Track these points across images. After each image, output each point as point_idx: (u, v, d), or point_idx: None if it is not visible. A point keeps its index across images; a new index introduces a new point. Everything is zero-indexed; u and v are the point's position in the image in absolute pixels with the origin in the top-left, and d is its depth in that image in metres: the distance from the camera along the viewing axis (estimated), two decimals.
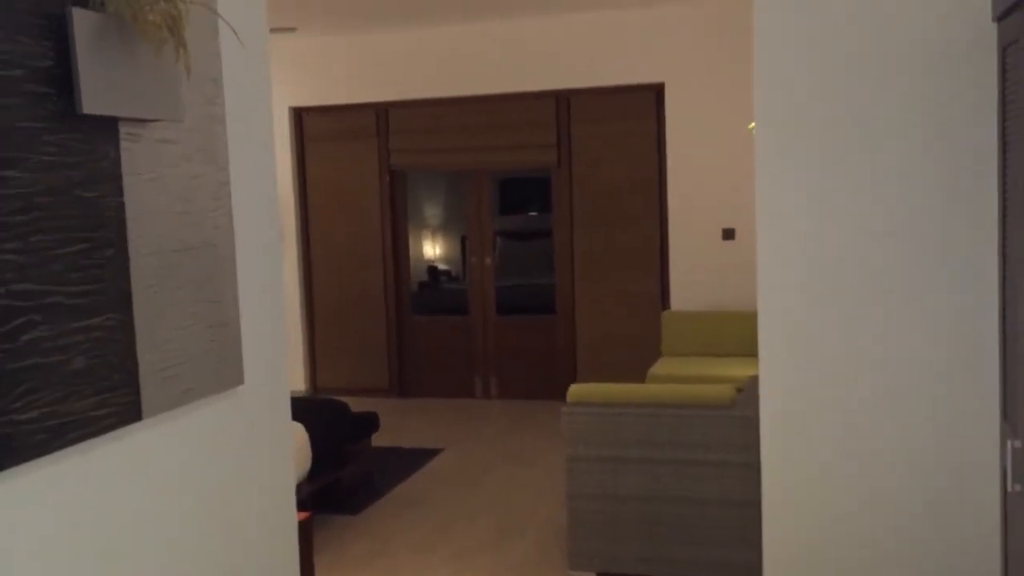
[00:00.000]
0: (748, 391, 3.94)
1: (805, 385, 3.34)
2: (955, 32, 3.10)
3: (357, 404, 6.84)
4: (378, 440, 5.98)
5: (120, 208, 1.98)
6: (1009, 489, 2.86)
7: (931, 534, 3.27)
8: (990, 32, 3.03)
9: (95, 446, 1.91)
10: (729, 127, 6.91)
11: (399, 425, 6.90)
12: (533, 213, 8.64)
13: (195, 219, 2.26)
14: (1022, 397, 2.73)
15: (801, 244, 3.32)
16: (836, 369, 3.31)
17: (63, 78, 1.79)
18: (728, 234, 7.05)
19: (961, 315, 3.19)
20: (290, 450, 2.78)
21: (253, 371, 2.51)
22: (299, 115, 7.96)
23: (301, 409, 4.90)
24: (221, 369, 2.34)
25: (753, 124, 3.49)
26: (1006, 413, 3.05)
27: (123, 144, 1.99)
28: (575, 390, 4.03)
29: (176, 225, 2.18)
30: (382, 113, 7.82)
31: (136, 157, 2.03)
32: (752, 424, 3.79)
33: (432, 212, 9.40)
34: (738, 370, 5.90)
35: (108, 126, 1.94)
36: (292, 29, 6.43)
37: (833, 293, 3.30)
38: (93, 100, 1.84)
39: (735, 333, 6.51)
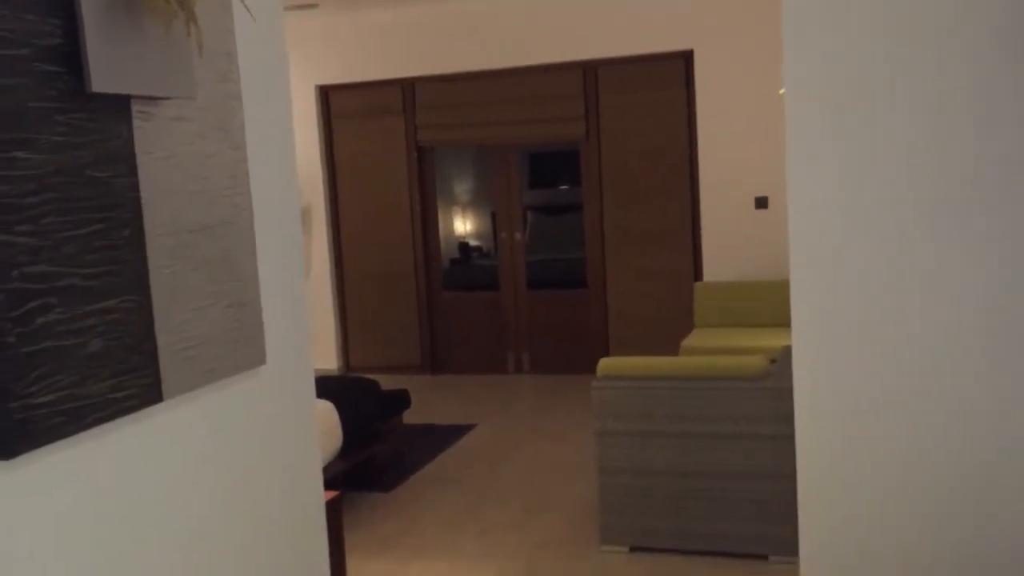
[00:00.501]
0: (782, 362, 3.87)
1: (839, 356, 3.27)
2: None
3: (389, 381, 6.85)
4: (410, 417, 5.98)
5: (134, 188, 1.95)
6: None
7: (970, 508, 3.19)
8: None
9: (114, 428, 1.90)
10: (760, 93, 6.78)
11: (431, 402, 6.90)
12: (563, 187, 8.56)
13: (211, 198, 2.23)
14: None
15: (834, 213, 3.24)
16: (871, 340, 3.23)
17: (72, 56, 1.76)
18: (761, 203, 6.94)
19: (1003, 288, 3.09)
20: (315, 430, 2.76)
21: (275, 350, 2.49)
22: (325, 93, 7.93)
23: (331, 387, 4.90)
24: (242, 349, 2.32)
25: (783, 90, 3.40)
26: None
27: (135, 123, 1.96)
28: (605, 364, 3.98)
29: (192, 204, 2.15)
30: (408, 89, 7.77)
31: (149, 136, 2.00)
32: (786, 396, 3.72)
33: (461, 188, 9.35)
34: (771, 340, 5.82)
35: (119, 104, 1.91)
36: (314, 5, 6.39)
37: (867, 263, 3.22)
38: (103, 78, 1.81)
39: (768, 303, 6.41)
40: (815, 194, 3.26)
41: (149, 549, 1.99)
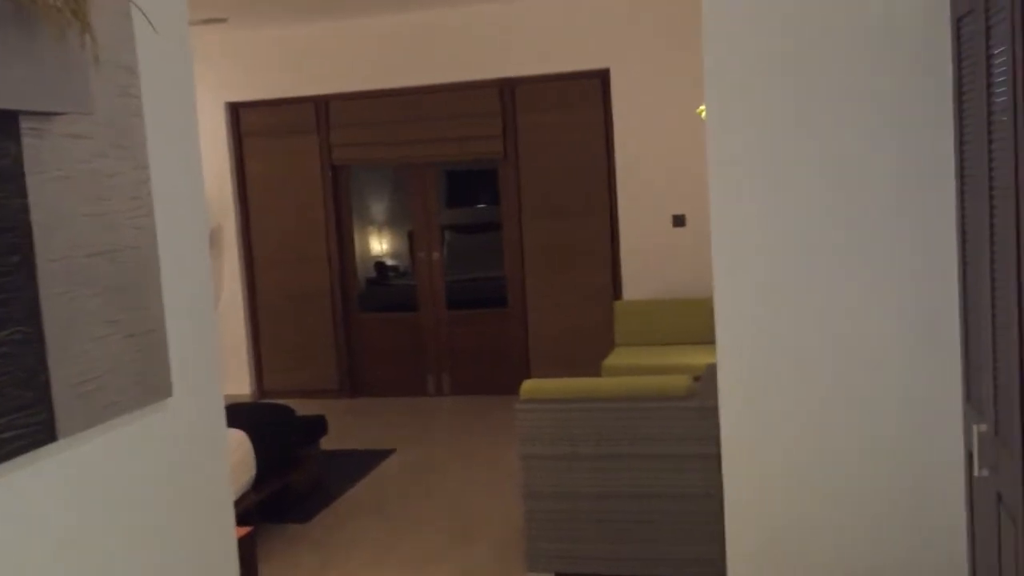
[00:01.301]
0: (706, 380, 3.85)
1: (764, 373, 3.26)
2: (907, 5, 3.02)
3: (306, 406, 6.66)
4: (328, 443, 5.81)
5: (24, 210, 1.80)
6: (976, 473, 2.80)
7: (896, 522, 3.20)
8: (943, 4, 2.96)
9: (3, 472, 1.74)
10: (676, 111, 6.83)
11: (349, 426, 6.72)
12: (481, 205, 8.49)
13: (112, 220, 2.08)
14: (987, 381, 2.66)
15: (755, 228, 3.23)
16: (795, 356, 3.23)
17: None
18: (679, 220, 6.98)
19: (921, 298, 3.12)
20: (226, 464, 2.61)
21: (183, 381, 2.34)
22: (235, 110, 7.72)
23: (243, 416, 4.72)
24: (146, 381, 2.18)
25: (703, 107, 3.39)
26: (969, 397, 2.99)
27: (25, 140, 1.81)
28: (528, 386, 3.91)
29: (90, 227, 2.00)
30: (322, 107, 7.62)
31: (41, 154, 1.86)
32: (711, 414, 3.70)
33: (378, 207, 9.21)
34: (693, 358, 5.83)
35: (7, 120, 1.77)
36: (223, 20, 6.21)
37: (790, 278, 3.21)
38: None
39: (689, 320, 6.44)
40: (736, 211, 3.25)
41: None
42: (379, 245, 9.16)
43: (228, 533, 2.58)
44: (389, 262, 9.16)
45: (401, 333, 7.81)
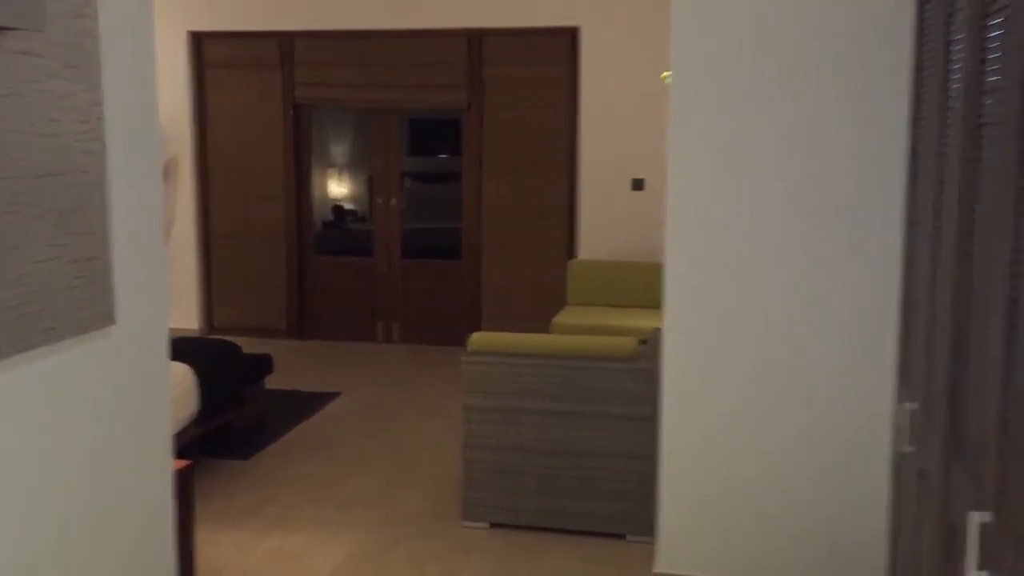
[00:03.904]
0: (651, 344, 3.90)
1: (707, 339, 3.31)
2: None
3: (254, 345, 6.63)
4: (273, 383, 5.80)
5: None
6: (901, 449, 2.88)
7: (824, 492, 3.30)
8: None
9: None
10: (643, 75, 6.82)
11: (296, 367, 6.71)
12: (443, 156, 8.44)
13: (62, 142, 2.05)
14: (919, 361, 2.73)
15: (710, 197, 3.27)
16: (739, 325, 3.28)
17: None
18: (638, 184, 7.01)
19: (863, 277, 3.19)
20: (167, 395, 2.61)
21: (127, 310, 2.32)
22: (198, 40, 7.56)
23: (189, 350, 4.69)
24: (89, 307, 2.16)
25: (668, 73, 3.40)
26: (902, 376, 3.07)
27: None
28: (476, 338, 3.93)
29: (39, 148, 1.97)
30: (287, 43, 7.48)
31: None
32: (653, 378, 3.76)
33: (338, 150, 9.11)
34: (642, 321, 5.89)
35: None
36: None
37: (738, 249, 3.26)
38: None
39: (641, 284, 6.49)
40: (693, 177, 3.28)
41: None
42: (338, 188, 9.07)
43: (165, 464, 2.58)
44: (347, 206, 9.09)
45: (354, 278, 7.79)
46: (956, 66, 2.35)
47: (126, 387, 2.35)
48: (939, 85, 2.51)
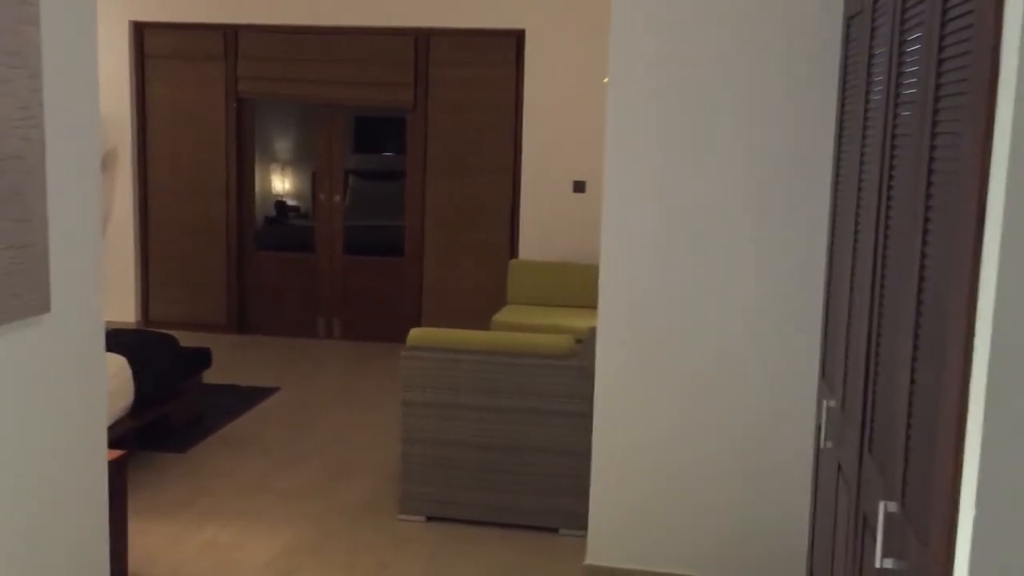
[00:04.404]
0: (587, 342, 3.98)
1: (640, 339, 3.40)
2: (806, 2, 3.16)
3: (192, 339, 6.58)
4: (211, 377, 5.77)
5: None
6: (822, 446, 3.00)
7: (751, 487, 3.40)
8: (838, 3, 3.11)
9: None
10: (586, 79, 6.92)
11: (235, 362, 6.68)
12: (388, 153, 8.45)
13: (1, 128, 2.05)
14: (839, 360, 2.85)
15: (645, 198, 3.35)
16: (671, 325, 3.38)
17: None
18: (579, 187, 7.10)
19: (792, 280, 3.30)
20: (103, 385, 2.61)
21: (62, 298, 2.33)
22: (140, 30, 7.47)
23: (125, 341, 4.66)
24: (23, 294, 2.16)
25: (608, 78, 3.48)
26: (824, 374, 3.19)
27: None
28: (415, 334, 3.98)
29: None
30: (231, 35, 7.44)
31: None
32: (588, 375, 3.84)
33: (282, 145, 9.06)
34: (580, 321, 5.98)
35: None
36: None
37: (673, 250, 3.35)
38: None
39: (580, 284, 6.59)
40: (629, 178, 3.36)
41: None
42: (281, 184, 9.03)
43: (99, 454, 2.58)
44: (290, 202, 9.05)
45: (295, 274, 7.76)
46: (877, 78, 2.46)
47: (61, 375, 2.36)
48: (860, 96, 2.63)
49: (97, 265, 2.51)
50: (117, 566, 2.80)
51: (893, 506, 1.98)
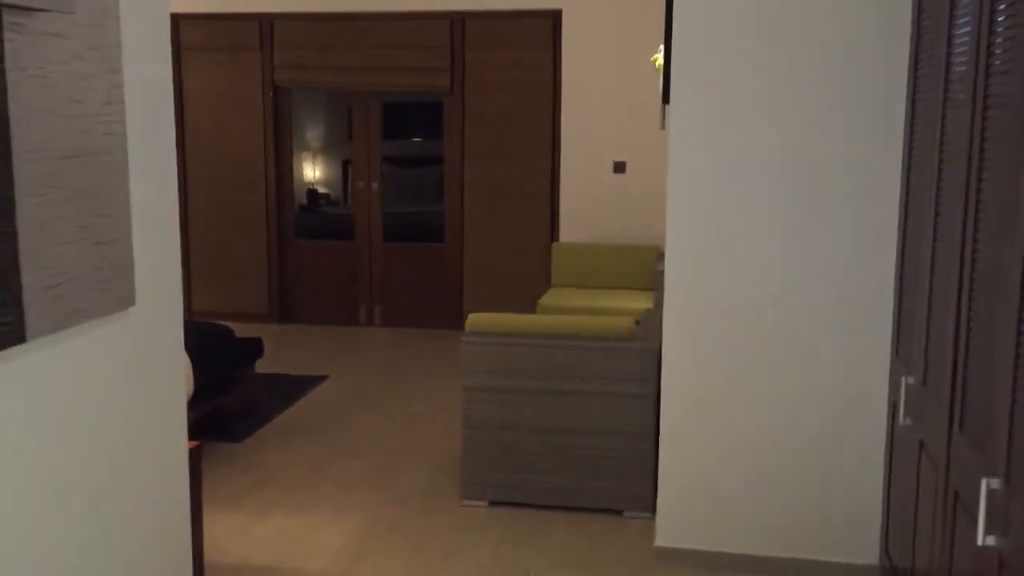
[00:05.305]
0: (646, 323, 3.96)
1: (707, 319, 3.37)
2: None
3: (236, 329, 6.60)
4: (260, 367, 5.80)
5: (2, 106, 1.77)
6: (900, 423, 2.96)
7: (819, 464, 3.38)
8: None
9: None
10: (624, 58, 6.86)
11: (281, 351, 6.71)
12: (418, 139, 8.42)
13: (86, 123, 2.05)
14: (918, 336, 2.81)
15: (709, 178, 3.32)
16: (738, 305, 3.35)
17: None
18: (619, 167, 7.06)
19: (860, 256, 3.26)
20: (182, 376, 2.62)
21: (146, 292, 2.34)
22: (176, 22, 7.48)
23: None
24: (112, 289, 2.17)
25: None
26: (898, 351, 3.15)
27: (7, 35, 1.77)
28: (474, 319, 3.97)
29: (66, 129, 1.98)
30: (267, 25, 7.43)
31: (22, 50, 1.82)
32: (650, 356, 3.82)
33: (313, 133, 9.07)
34: (629, 303, 5.96)
35: None
36: None
37: (737, 228, 3.32)
38: None
39: (624, 266, 6.56)
40: (693, 164, 3.33)
41: (7, 495, 1.84)
42: (312, 172, 9.04)
43: (181, 443, 2.60)
44: (321, 190, 9.06)
45: (335, 262, 7.78)
46: (960, 50, 2.41)
47: (146, 367, 2.37)
48: (939, 70, 2.58)
49: (176, 257, 2.51)
50: (195, 557, 2.81)
51: (996, 483, 1.95)
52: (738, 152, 3.28)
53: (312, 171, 9.07)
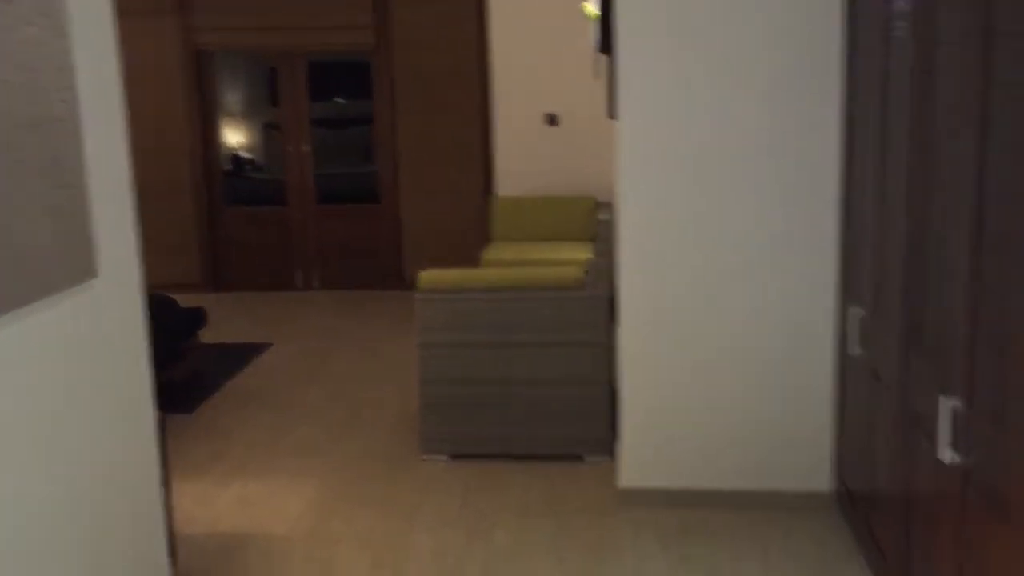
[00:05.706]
0: (592, 272, 4.02)
1: (660, 264, 3.44)
2: None
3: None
4: (201, 337, 5.71)
5: None
6: (850, 352, 3.08)
7: (770, 390, 3.48)
8: None
9: None
10: (553, 10, 6.84)
11: (219, 320, 6.61)
12: (346, 99, 8.31)
13: (39, 92, 1.99)
14: (866, 270, 2.91)
15: (661, 125, 3.36)
16: (688, 249, 3.42)
17: None
18: (551, 120, 7.07)
19: (803, 196, 3.35)
20: (147, 345, 2.59)
21: (107, 262, 2.30)
22: None
23: None
24: (73, 261, 2.13)
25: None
26: (845, 284, 3.26)
27: None
28: (427, 276, 3.98)
29: (18, 97, 1.92)
30: None
31: None
32: (600, 303, 3.89)
33: (232, 97, 8.88)
34: (571, 253, 6.01)
35: None
36: None
37: (688, 175, 3.38)
38: None
39: (562, 217, 6.61)
40: (642, 115, 3.36)
41: None
42: (235, 137, 8.87)
43: (148, 412, 2.58)
44: (245, 155, 8.90)
45: (268, 227, 7.67)
46: None
47: (110, 338, 2.34)
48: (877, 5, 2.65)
49: (133, 227, 2.47)
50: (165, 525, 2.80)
51: (955, 401, 2.05)
52: (686, 101, 3.33)
53: (235, 136, 8.89)
